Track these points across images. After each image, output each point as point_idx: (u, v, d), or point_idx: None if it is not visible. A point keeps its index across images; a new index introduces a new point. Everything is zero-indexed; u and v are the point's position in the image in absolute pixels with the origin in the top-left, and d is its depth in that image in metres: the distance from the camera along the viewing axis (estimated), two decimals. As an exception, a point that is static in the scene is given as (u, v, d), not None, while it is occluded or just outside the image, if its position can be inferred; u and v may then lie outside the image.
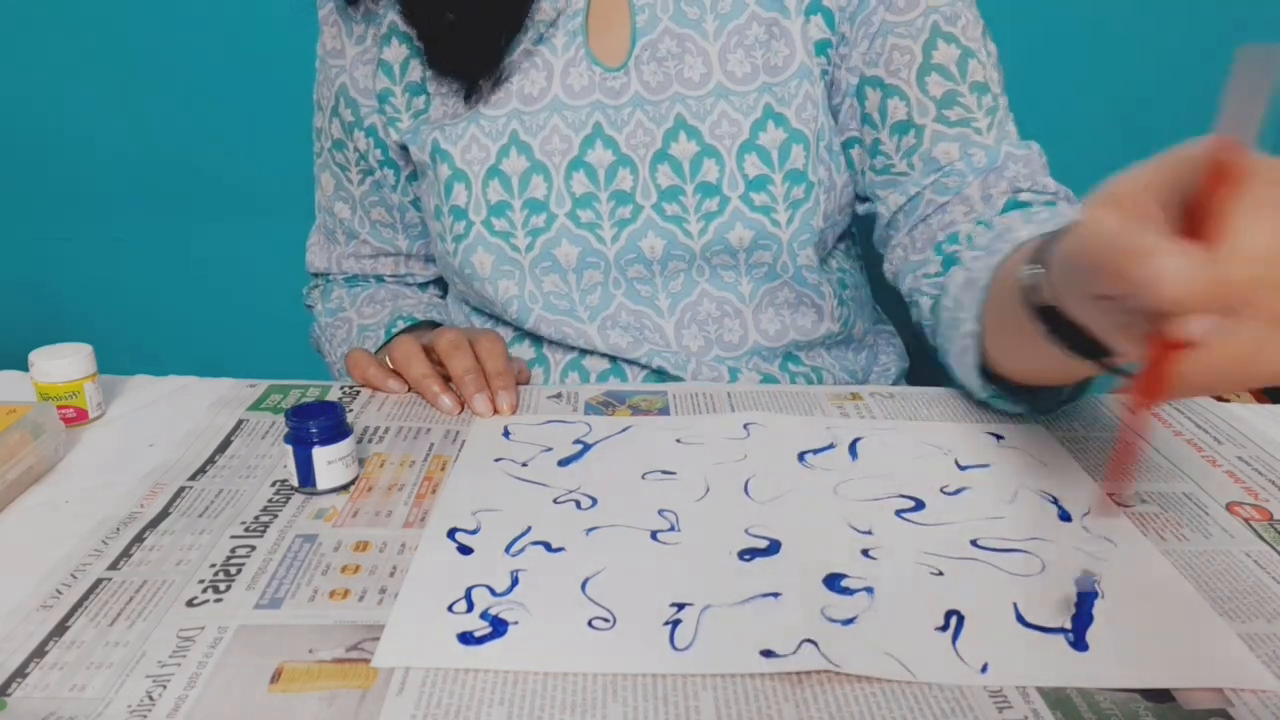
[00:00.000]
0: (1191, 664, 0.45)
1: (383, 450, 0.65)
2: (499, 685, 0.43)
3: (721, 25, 0.76)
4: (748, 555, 0.53)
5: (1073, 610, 0.48)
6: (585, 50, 0.77)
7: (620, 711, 0.42)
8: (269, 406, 0.71)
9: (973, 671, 0.44)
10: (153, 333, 1.60)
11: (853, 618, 0.48)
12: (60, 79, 1.48)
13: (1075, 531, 0.55)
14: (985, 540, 0.54)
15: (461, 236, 0.78)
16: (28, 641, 0.46)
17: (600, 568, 0.51)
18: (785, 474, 0.61)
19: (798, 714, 0.42)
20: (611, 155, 0.77)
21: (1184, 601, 0.50)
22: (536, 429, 0.68)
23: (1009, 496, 0.59)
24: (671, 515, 0.57)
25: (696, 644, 0.46)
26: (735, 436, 0.66)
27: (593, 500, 0.58)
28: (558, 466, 0.62)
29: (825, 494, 0.59)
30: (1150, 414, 0.58)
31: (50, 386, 0.67)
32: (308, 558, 0.53)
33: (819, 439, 0.66)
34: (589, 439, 0.66)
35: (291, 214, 1.52)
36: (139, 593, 0.50)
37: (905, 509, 0.58)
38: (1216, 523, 0.57)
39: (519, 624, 0.47)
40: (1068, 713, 0.42)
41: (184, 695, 0.43)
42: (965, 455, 0.64)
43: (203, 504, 0.58)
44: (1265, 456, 0.65)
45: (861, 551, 0.53)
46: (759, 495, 0.59)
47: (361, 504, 0.58)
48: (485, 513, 0.57)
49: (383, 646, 0.45)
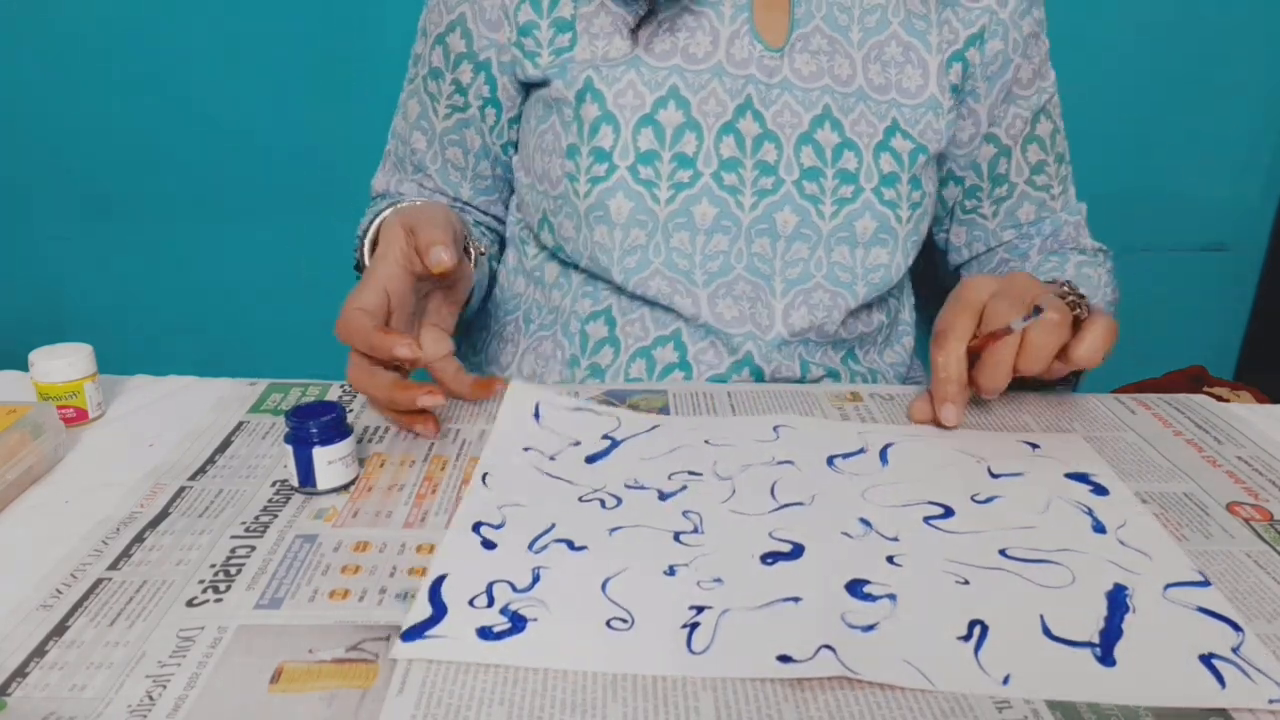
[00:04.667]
0: (1226, 686, 0.44)
1: (383, 450, 0.65)
2: (499, 685, 0.43)
3: (865, 37, 0.82)
4: (770, 559, 0.52)
5: (1102, 625, 0.47)
6: (750, 25, 0.80)
7: (620, 711, 0.42)
8: (269, 406, 0.71)
9: (994, 683, 0.43)
10: (153, 333, 1.60)
11: (873, 624, 0.47)
12: (60, 79, 1.48)
13: (1109, 544, 0.54)
14: (1014, 550, 0.53)
15: (601, 179, 0.78)
16: (28, 641, 0.46)
17: (622, 568, 0.51)
18: (813, 477, 0.61)
19: (798, 714, 0.42)
20: (758, 128, 0.80)
21: (1216, 619, 0.48)
22: (568, 415, 0.67)
23: (1042, 506, 0.58)
24: (696, 517, 0.56)
25: (714, 647, 0.45)
26: (765, 439, 0.65)
27: (618, 500, 0.58)
28: (585, 463, 0.62)
29: (853, 498, 0.58)
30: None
31: (50, 386, 0.67)
32: (308, 558, 0.53)
33: (850, 444, 0.65)
34: (618, 434, 0.66)
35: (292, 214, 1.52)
36: (139, 593, 0.50)
37: (934, 515, 0.57)
38: (1216, 523, 0.57)
39: (538, 621, 0.47)
40: (1067, 713, 0.42)
41: (184, 695, 0.43)
42: (998, 463, 0.63)
43: (203, 504, 0.58)
44: (1265, 456, 0.65)
45: (886, 558, 0.52)
46: (785, 497, 0.58)
47: (361, 504, 0.58)
48: (511, 508, 0.57)
49: (402, 641, 0.45)
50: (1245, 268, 1.64)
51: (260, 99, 1.48)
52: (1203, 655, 0.45)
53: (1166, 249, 1.61)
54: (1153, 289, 1.61)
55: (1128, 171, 1.54)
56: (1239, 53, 1.50)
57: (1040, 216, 0.91)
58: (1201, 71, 1.50)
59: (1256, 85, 1.52)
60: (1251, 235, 1.62)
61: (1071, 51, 1.48)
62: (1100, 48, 1.46)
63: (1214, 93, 1.52)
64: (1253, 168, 1.58)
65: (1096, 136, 1.53)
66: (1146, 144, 1.54)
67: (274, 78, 1.47)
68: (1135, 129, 1.53)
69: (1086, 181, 1.55)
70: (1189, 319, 1.65)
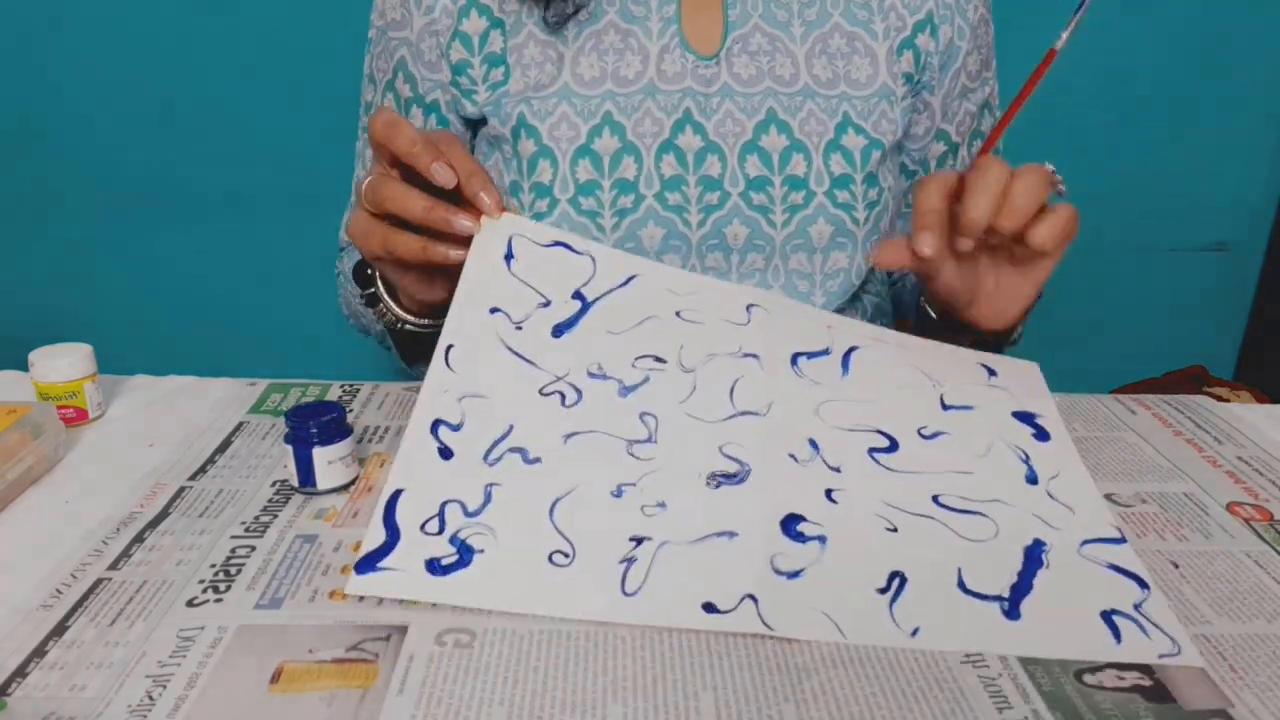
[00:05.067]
0: (1122, 641, 0.46)
1: (383, 450, 0.65)
2: (499, 685, 0.43)
3: (807, 31, 0.80)
4: (716, 481, 0.54)
5: (1014, 580, 0.50)
6: (680, 38, 0.79)
7: (620, 711, 0.42)
8: (269, 406, 0.71)
9: (903, 635, 0.46)
10: (153, 333, 1.60)
11: (799, 570, 0.50)
12: (60, 79, 1.49)
13: (1038, 496, 0.56)
14: (946, 498, 0.55)
15: (544, 214, 0.78)
16: (28, 641, 0.46)
17: (571, 486, 0.53)
18: (774, 382, 0.60)
19: (798, 714, 0.42)
20: (700, 141, 0.79)
21: (1125, 575, 0.51)
22: (542, 256, 0.63)
23: (983, 449, 0.59)
24: (651, 421, 0.57)
25: (645, 588, 0.48)
26: (736, 320, 0.64)
27: (578, 394, 0.58)
28: (551, 337, 0.60)
29: (807, 411, 0.59)
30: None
31: (50, 386, 0.68)
32: (308, 558, 0.53)
33: (818, 340, 0.64)
34: (589, 292, 0.63)
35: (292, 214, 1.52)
36: (139, 593, 0.50)
37: (879, 448, 0.58)
38: (1216, 523, 0.57)
39: (484, 553, 0.50)
40: (1067, 713, 0.42)
41: (184, 695, 0.43)
42: (952, 392, 0.63)
43: (203, 504, 0.58)
44: (1265, 456, 0.65)
45: (825, 492, 0.54)
46: (742, 403, 0.58)
47: (361, 504, 0.58)
48: (471, 399, 0.56)
49: (355, 574, 0.49)
50: (1245, 268, 1.64)
51: (260, 99, 1.48)
52: (1105, 611, 0.48)
53: (1166, 249, 1.61)
54: (1153, 289, 1.61)
55: (1128, 171, 1.54)
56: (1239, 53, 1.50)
57: None
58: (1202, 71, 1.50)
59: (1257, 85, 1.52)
60: (1251, 235, 1.62)
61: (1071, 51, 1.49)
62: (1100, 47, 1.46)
63: (1214, 92, 1.52)
64: (1253, 168, 1.58)
65: (1096, 136, 1.53)
66: (1146, 144, 1.54)
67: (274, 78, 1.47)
68: (1135, 129, 1.53)
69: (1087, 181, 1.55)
70: (1189, 319, 1.65)
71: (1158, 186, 1.57)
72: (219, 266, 1.59)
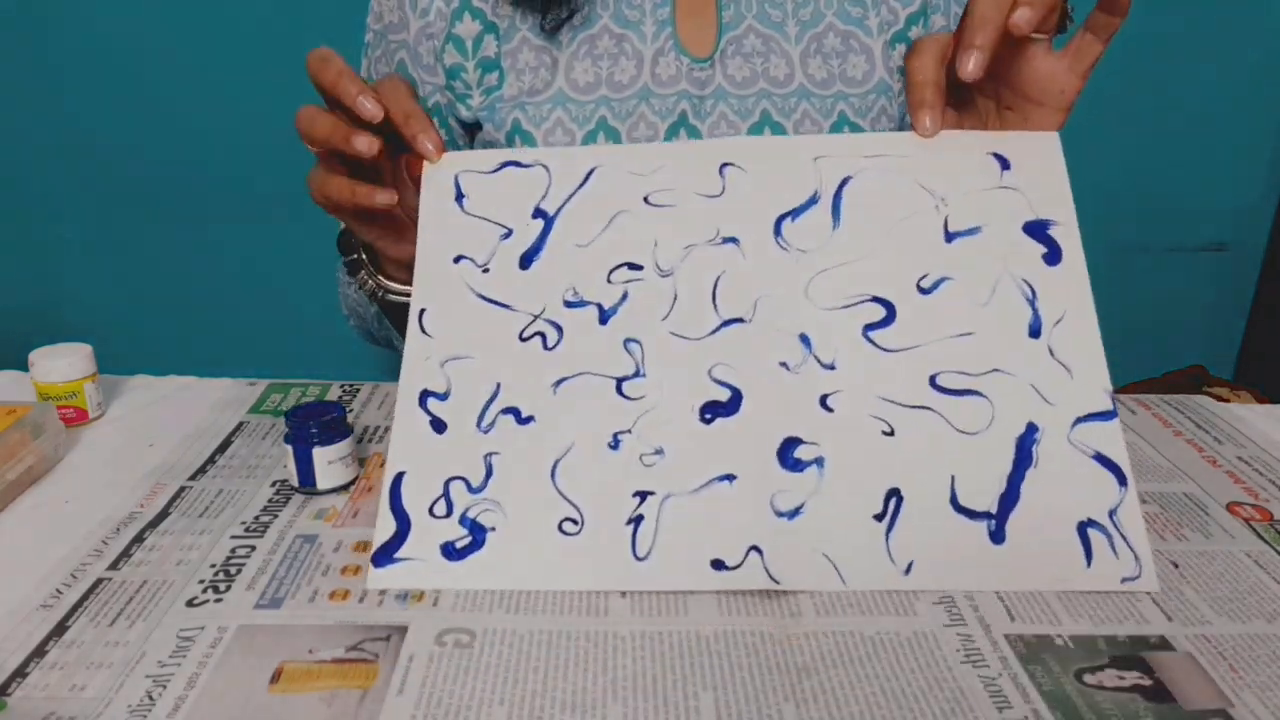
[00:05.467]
0: (1092, 564, 0.50)
1: (383, 450, 0.65)
2: (499, 685, 0.43)
3: (802, 31, 0.80)
4: (709, 414, 0.54)
5: (1003, 487, 0.52)
6: (674, 40, 0.79)
7: (620, 711, 0.42)
8: (269, 406, 0.71)
9: (898, 572, 0.50)
10: (153, 333, 1.60)
11: (799, 507, 0.51)
12: (60, 79, 1.48)
13: (1039, 354, 0.54)
14: (944, 376, 0.54)
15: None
16: (28, 641, 0.46)
17: (568, 444, 0.53)
18: (759, 259, 0.57)
19: (798, 714, 0.42)
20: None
21: (1107, 468, 0.52)
22: (492, 186, 0.60)
23: (986, 295, 0.55)
24: (637, 350, 0.55)
25: (655, 550, 0.51)
26: (710, 193, 0.59)
27: (559, 331, 0.56)
28: (520, 271, 0.58)
29: (797, 295, 0.56)
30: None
31: (50, 386, 0.68)
32: (308, 558, 0.53)
33: (803, 186, 0.59)
34: (549, 205, 0.59)
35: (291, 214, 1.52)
36: (139, 593, 0.50)
37: (874, 322, 0.55)
38: (1216, 523, 0.57)
39: (495, 530, 0.51)
40: (1068, 713, 0.42)
41: (184, 695, 0.43)
42: (958, 210, 0.57)
43: (203, 504, 0.58)
44: (1265, 456, 0.65)
45: (820, 400, 0.54)
46: (726, 310, 0.56)
47: (361, 504, 0.58)
48: (454, 362, 0.56)
49: (374, 567, 0.50)
50: (1245, 268, 1.64)
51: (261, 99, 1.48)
52: (1081, 523, 0.51)
53: (1166, 249, 1.61)
54: (1153, 289, 1.61)
55: (1128, 171, 1.54)
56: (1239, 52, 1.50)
57: None
58: (1202, 71, 1.50)
59: (1257, 85, 1.52)
60: (1251, 235, 1.62)
61: (1071, 51, 1.49)
62: (1100, 48, 1.47)
63: (1214, 92, 1.52)
64: (1253, 168, 1.58)
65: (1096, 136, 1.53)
66: (1146, 144, 1.54)
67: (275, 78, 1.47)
68: (1135, 129, 1.52)
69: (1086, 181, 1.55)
70: (1189, 319, 1.65)
71: (1158, 186, 1.57)
72: (219, 266, 1.58)
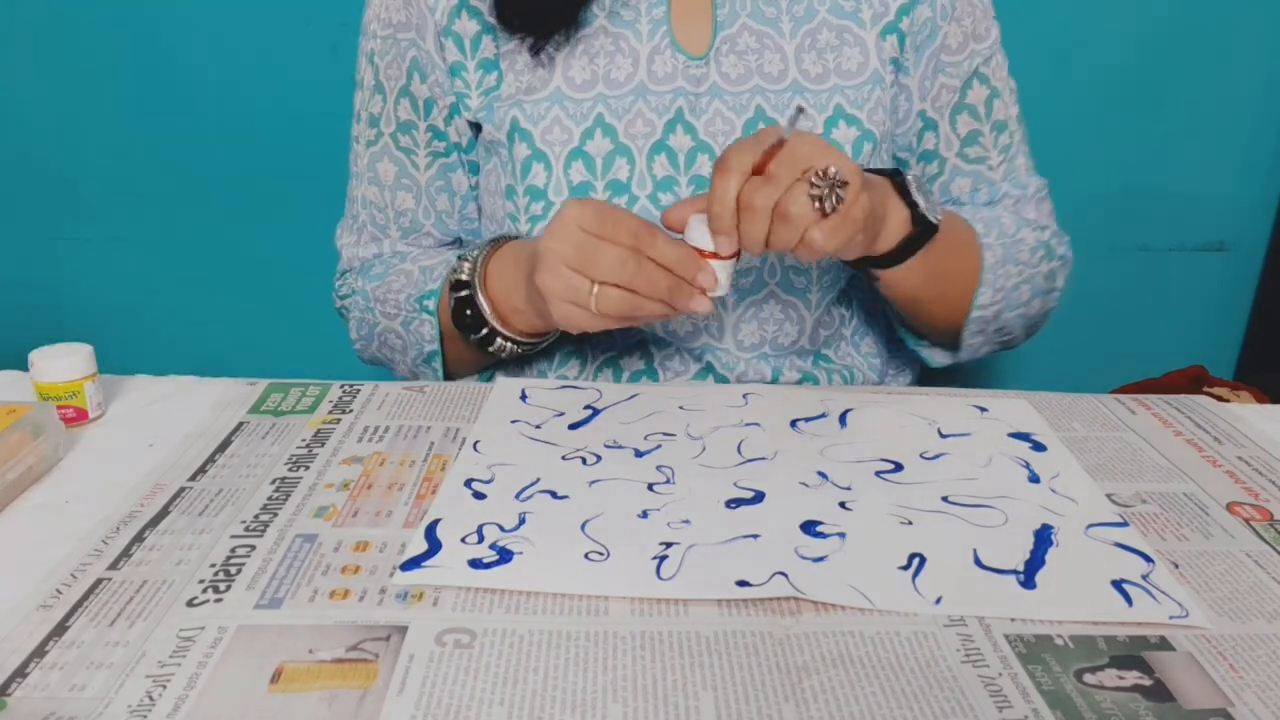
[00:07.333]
0: (1134, 605, 0.49)
1: (383, 450, 0.65)
2: (499, 685, 0.43)
3: (796, 26, 0.80)
4: (734, 504, 0.58)
5: (1027, 556, 0.53)
6: (670, 38, 0.79)
7: (620, 711, 0.42)
8: (269, 406, 0.71)
9: (928, 603, 0.49)
10: (153, 333, 1.60)
11: (824, 556, 0.53)
12: (60, 78, 1.48)
13: (1042, 491, 0.60)
14: (956, 497, 0.59)
15: (539, 217, 0.79)
16: (28, 641, 0.46)
17: (600, 512, 0.57)
18: (777, 437, 0.66)
19: (798, 714, 0.42)
20: (691, 141, 0.79)
21: (1131, 552, 0.54)
22: (552, 394, 0.73)
23: (984, 461, 0.63)
24: (668, 470, 0.62)
25: (680, 574, 0.51)
26: (734, 404, 0.71)
27: (598, 457, 0.63)
28: (568, 430, 0.67)
29: (812, 454, 0.64)
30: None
31: (50, 386, 0.67)
32: (308, 558, 0.53)
33: (813, 408, 0.70)
34: (599, 404, 0.71)
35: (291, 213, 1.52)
36: (139, 593, 0.50)
37: (885, 470, 0.62)
38: (1216, 523, 0.57)
39: (523, 554, 0.53)
40: (1068, 712, 0.42)
41: (184, 695, 0.43)
42: (948, 425, 0.68)
43: (203, 504, 0.58)
44: (1265, 456, 0.65)
45: (839, 503, 0.58)
46: (750, 454, 0.64)
47: (361, 504, 0.58)
48: (499, 466, 0.62)
49: (400, 571, 0.51)
50: (1245, 268, 1.64)
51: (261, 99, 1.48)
52: (1115, 580, 0.51)
53: (1166, 249, 1.61)
54: (1153, 289, 1.61)
55: (1128, 171, 1.54)
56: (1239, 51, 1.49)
57: (976, 187, 0.86)
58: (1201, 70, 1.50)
59: (1256, 84, 1.52)
60: (1251, 235, 1.61)
61: (1071, 50, 1.49)
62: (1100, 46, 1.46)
63: (1214, 91, 1.52)
64: (1253, 168, 1.57)
65: (1097, 136, 1.53)
66: (1146, 143, 1.54)
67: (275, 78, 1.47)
68: (1135, 128, 1.52)
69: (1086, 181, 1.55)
70: (1189, 319, 1.64)
71: (1158, 186, 1.57)
72: (219, 266, 1.58)
